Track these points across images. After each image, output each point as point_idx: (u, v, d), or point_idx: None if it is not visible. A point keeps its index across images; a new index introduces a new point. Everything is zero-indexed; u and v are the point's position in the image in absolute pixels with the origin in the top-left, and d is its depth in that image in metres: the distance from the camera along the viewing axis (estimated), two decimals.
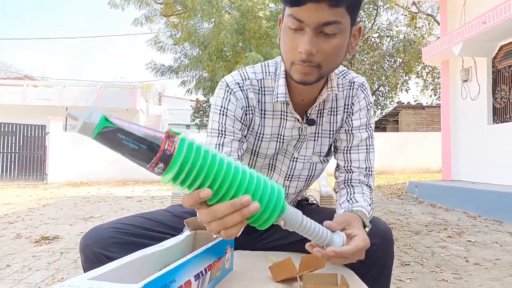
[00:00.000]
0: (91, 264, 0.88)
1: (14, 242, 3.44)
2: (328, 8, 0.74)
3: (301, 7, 0.75)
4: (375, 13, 17.13)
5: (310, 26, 0.77)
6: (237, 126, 0.95)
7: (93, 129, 0.46)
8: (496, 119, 5.65)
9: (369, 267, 0.96)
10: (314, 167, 1.06)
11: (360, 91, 1.02)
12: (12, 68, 26.74)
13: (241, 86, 0.96)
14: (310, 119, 0.99)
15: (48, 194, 7.87)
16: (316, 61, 0.81)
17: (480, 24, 5.02)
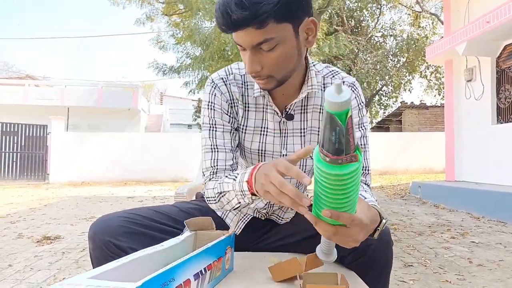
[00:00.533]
0: (100, 252, 0.89)
1: (16, 242, 3.44)
2: (255, 31, 0.79)
3: (235, 33, 0.81)
4: (378, 12, 17.11)
5: (247, 47, 0.83)
6: (225, 118, 1.01)
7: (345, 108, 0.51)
8: (500, 119, 5.62)
9: (368, 268, 0.96)
10: (305, 163, 1.06)
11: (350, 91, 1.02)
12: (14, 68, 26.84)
13: (225, 81, 1.02)
14: (289, 114, 1.01)
15: (49, 194, 7.88)
16: (265, 74, 0.87)
17: (484, 23, 4.99)
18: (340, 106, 0.50)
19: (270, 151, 1.05)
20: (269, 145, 1.04)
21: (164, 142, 11.71)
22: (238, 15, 0.76)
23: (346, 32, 15.65)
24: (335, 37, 13.83)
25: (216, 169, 0.99)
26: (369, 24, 17.67)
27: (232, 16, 0.77)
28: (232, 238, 0.91)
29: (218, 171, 0.99)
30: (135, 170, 11.48)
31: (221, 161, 0.99)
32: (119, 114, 17.63)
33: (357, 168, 0.57)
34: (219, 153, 0.99)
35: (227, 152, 1.00)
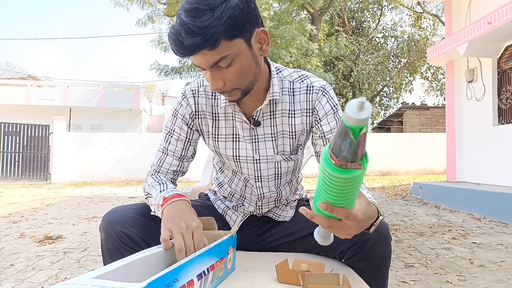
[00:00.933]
0: (112, 242, 0.92)
1: (17, 241, 3.45)
2: (209, 52, 0.82)
3: (192, 57, 0.85)
4: (379, 13, 17.11)
5: (206, 68, 0.86)
6: (184, 128, 1.08)
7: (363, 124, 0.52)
8: (502, 120, 5.62)
9: (366, 263, 0.98)
10: (280, 166, 1.10)
11: (321, 95, 1.05)
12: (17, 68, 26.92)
13: (194, 93, 1.08)
14: (256, 121, 1.04)
15: (51, 194, 7.90)
16: (229, 87, 0.90)
17: (485, 24, 4.99)
18: (357, 122, 0.51)
19: (244, 156, 1.09)
20: (243, 150, 1.08)
21: None
22: (189, 41, 0.79)
23: (347, 33, 15.65)
24: (336, 38, 13.84)
25: (159, 169, 1.08)
26: (370, 25, 17.68)
27: (184, 43, 0.80)
28: (234, 239, 0.92)
29: (160, 172, 1.08)
30: (137, 170, 11.49)
31: (166, 164, 1.08)
32: (121, 115, 17.65)
33: (360, 174, 0.59)
34: (167, 156, 1.09)
35: (174, 158, 1.08)
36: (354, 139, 0.53)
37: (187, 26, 0.78)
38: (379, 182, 9.95)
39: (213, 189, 1.29)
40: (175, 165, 1.09)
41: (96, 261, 2.82)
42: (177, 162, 1.09)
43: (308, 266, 0.86)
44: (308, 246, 1.10)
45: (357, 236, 0.91)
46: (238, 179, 1.16)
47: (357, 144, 0.54)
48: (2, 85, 17.27)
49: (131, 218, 0.95)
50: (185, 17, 0.79)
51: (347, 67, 15.90)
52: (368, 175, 12.05)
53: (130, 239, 0.91)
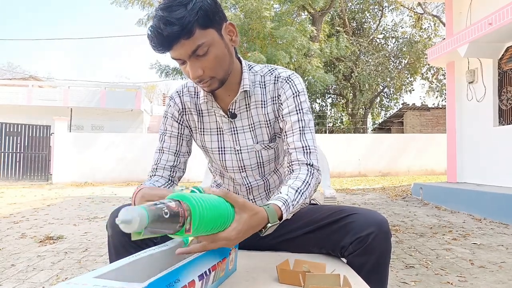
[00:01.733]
0: (119, 239, 0.96)
1: (18, 241, 3.46)
2: (186, 41, 0.91)
3: (172, 51, 0.93)
4: (380, 14, 17.11)
5: (185, 58, 0.94)
6: (174, 125, 1.18)
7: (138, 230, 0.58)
8: (502, 121, 5.62)
9: (367, 258, 0.99)
10: (261, 154, 1.18)
11: (285, 83, 1.13)
12: (18, 69, 26.96)
13: (179, 93, 1.20)
14: (232, 114, 1.14)
15: (52, 194, 7.91)
16: (207, 76, 0.99)
17: (486, 25, 4.99)
18: (136, 229, 0.57)
19: (228, 148, 1.18)
20: (227, 142, 1.18)
21: None
22: (168, 31, 0.88)
23: (347, 34, 15.65)
24: (337, 39, 13.84)
25: (157, 167, 1.16)
26: (370, 26, 17.67)
27: (164, 34, 0.88)
28: None
29: (158, 168, 1.16)
30: (138, 170, 11.50)
31: (163, 161, 1.17)
32: (122, 115, 17.67)
33: (191, 235, 0.67)
34: (163, 154, 1.17)
35: (170, 154, 1.17)
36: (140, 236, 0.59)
37: (164, 19, 0.88)
38: (380, 182, 9.95)
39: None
40: (172, 160, 1.17)
41: (97, 261, 2.82)
42: (173, 158, 1.17)
43: (309, 267, 0.87)
44: (310, 243, 1.11)
45: (358, 231, 0.98)
46: (227, 178, 1.26)
47: (157, 233, 0.61)
48: (4, 85, 17.31)
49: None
50: (161, 13, 0.88)
51: (347, 68, 15.91)
52: (368, 176, 12.05)
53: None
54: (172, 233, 0.65)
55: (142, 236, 0.58)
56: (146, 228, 0.58)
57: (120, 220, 0.56)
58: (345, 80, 16.68)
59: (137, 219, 0.56)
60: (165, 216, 0.60)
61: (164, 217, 0.60)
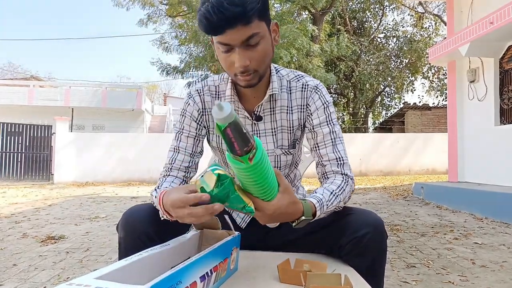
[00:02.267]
0: (132, 241, 0.94)
1: (20, 241, 3.46)
2: (243, 27, 0.88)
3: (224, 34, 0.89)
4: (381, 13, 17.08)
5: (236, 46, 0.92)
6: (193, 125, 1.14)
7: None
8: (504, 120, 5.61)
9: (363, 258, 1.00)
10: (279, 159, 1.17)
11: (314, 93, 1.13)
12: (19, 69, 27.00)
13: (200, 92, 1.16)
14: (257, 116, 1.12)
15: (54, 194, 7.92)
16: (253, 68, 0.96)
17: (487, 24, 4.98)
18: (222, 120, 0.65)
19: None
20: None
21: (168, 142, 11.41)
22: (231, 12, 0.84)
23: (348, 33, 15.63)
24: (337, 38, 13.82)
25: (172, 167, 1.12)
26: (371, 25, 17.65)
27: (225, 13, 0.84)
28: (238, 239, 0.92)
29: (173, 169, 1.12)
30: (139, 170, 11.50)
31: (178, 161, 1.12)
32: (123, 115, 17.67)
33: (246, 168, 0.73)
34: (179, 154, 1.13)
35: (186, 154, 1.13)
36: (221, 134, 0.68)
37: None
38: (381, 182, 9.94)
39: None
40: (187, 161, 1.13)
41: (98, 261, 2.83)
42: (189, 158, 1.13)
43: (310, 266, 0.87)
44: (309, 244, 1.12)
45: (354, 231, 0.98)
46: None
47: (228, 140, 0.69)
48: (5, 85, 17.33)
49: (153, 218, 0.97)
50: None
51: (348, 67, 15.89)
52: (369, 175, 12.04)
53: (149, 239, 0.93)
54: (239, 152, 0.71)
55: (222, 133, 0.67)
56: (230, 125, 0.66)
57: (217, 103, 0.64)
58: (346, 80, 16.67)
59: (229, 108, 0.64)
60: (243, 129, 0.68)
61: (242, 129, 0.68)
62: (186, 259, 0.69)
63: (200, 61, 13.08)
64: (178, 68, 14.04)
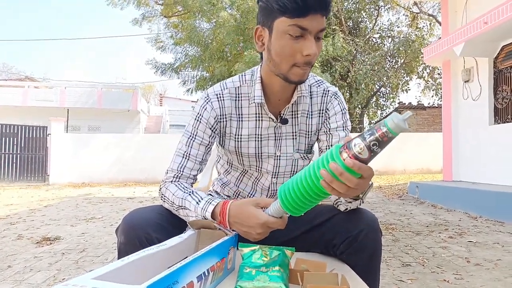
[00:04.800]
0: (133, 247, 0.89)
1: (15, 243, 3.45)
2: (321, 17, 0.91)
3: (304, 18, 0.89)
4: (376, 14, 17.12)
5: (311, 33, 0.92)
6: (207, 132, 1.09)
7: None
8: (498, 120, 5.65)
9: (358, 256, 1.01)
10: (297, 163, 1.18)
11: (333, 98, 1.16)
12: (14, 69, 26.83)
13: (219, 96, 1.10)
14: (283, 119, 1.11)
15: (49, 195, 7.88)
16: (313, 60, 0.96)
17: (481, 24, 5.01)
18: (401, 131, 0.65)
19: (266, 153, 1.14)
20: (265, 148, 1.14)
21: (164, 143, 11.69)
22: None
23: (344, 33, 15.66)
24: (333, 38, 13.85)
25: (181, 175, 1.08)
26: (367, 26, 17.68)
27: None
28: (235, 238, 0.92)
29: (181, 177, 1.08)
30: (135, 171, 11.48)
31: (188, 169, 1.08)
32: (119, 115, 17.63)
33: (346, 167, 0.71)
34: (189, 161, 1.08)
35: (196, 163, 1.09)
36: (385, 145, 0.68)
37: None
38: (376, 181, 9.97)
39: (214, 189, 1.31)
40: (196, 169, 1.10)
41: (94, 262, 2.82)
42: (198, 166, 1.10)
43: (309, 266, 0.87)
44: (306, 243, 1.13)
45: (348, 230, 0.99)
46: (247, 179, 1.21)
47: (378, 145, 0.69)
48: (0, 86, 17.22)
49: (155, 223, 0.95)
50: None
51: (344, 67, 15.91)
52: None
53: (148, 242, 0.90)
54: (369, 157, 0.72)
55: (382, 137, 0.67)
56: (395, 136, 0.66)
57: (410, 115, 0.68)
58: (341, 80, 16.69)
59: (406, 126, 0.65)
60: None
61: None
62: (183, 259, 0.69)
63: (196, 61, 13.06)
64: (173, 66, 14.00)
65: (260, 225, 0.87)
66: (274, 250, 0.86)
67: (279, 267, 0.80)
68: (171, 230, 0.95)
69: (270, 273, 0.79)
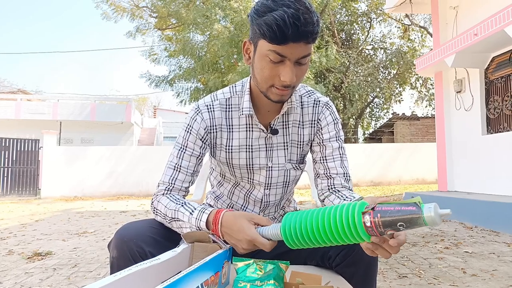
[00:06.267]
0: (125, 261, 0.89)
1: (6, 258, 3.38)
2: (304, 45, 0.90)
3: (283, 46, 0.88)
4: (368, 26, 17.36)
5: (291, 60, 0.91)
6: (198, 143, 1.09)
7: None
8: (490, 130, 5.70)
9: (354, 268, 1.00)
10: (289, 174, 1.17)
11: (325, 109, 1.16)
12: (5, 82, 26.72)
13: (209, 107, 1.10)
14: (273, 129, 1.11)
15: (41, 209, 7.78)
16: (294, 84, 0.96)
17: (472, 36, 5.09)
18: (433, 225, 0.64)
19: (257, 165, 1.14)
20: (256, 159, 1.13)
21: (158, 155, 11.67)
22: (306, 28, 0.86)
23: (337, 45, 15.84)
24: (326, 50, 13.99)
25: (172, 187, 1.07)
26: (359, 37, 17.91)
27: (300, 28, 0.86)
28: (229, 252, 0.91)
29: (173, 189, 1.08)
30: (128, 183, 11.40)
31: (179, 181, 1.08)
32: (112, 128, 17.56)
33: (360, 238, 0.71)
34: (180, 173, 1.08)
35: (187, 175, 1.09)
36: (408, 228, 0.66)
37: (305, 15, 0.86)
38: (371, 192, 9.98)
39: (208, 202, 1.30)
40: (188, 181, 1.09)
41: (87, 277, 2.77)
42: (189, 178, 1.09)
43: (304, 279, 0.86)
44: (302, 255, 1.12)
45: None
46: (239, 191, 1.20)
47: (401, 225, 0.66)
48: None
49: (148, 237, 0.94)
50: (301, 7, 0.86)
51: (337, 79, 16.05)
52: (359, 185, 12.09)
53: (142, 256, 0.89)
54: (381, 231, 0.69)
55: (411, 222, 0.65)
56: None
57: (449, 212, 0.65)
58: (335, 91, 16.82)
59: (440, 222, 0.64)
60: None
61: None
62: (176, 273, 0.68)
63: (190, 72, 13.11)
64: (167, 78, 14.04)
65: (248, 241, 0.86)
66: (268, 263, 0.85)
67: (273, 281, 0.78)
68: (165, 244, 0.94)
69: (265, 287, 0.78)
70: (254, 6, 0.93)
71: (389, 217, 0.66)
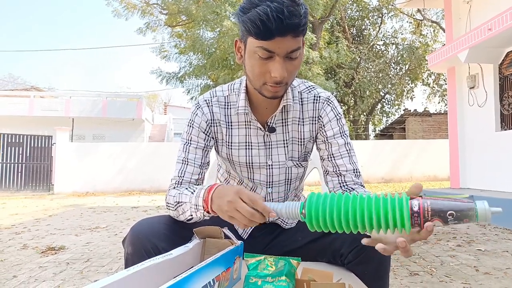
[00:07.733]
0: (140, 258, 0.88)
1: (20, 252, 3.44)
2: (292, 39, 0.88)
3: (273, 40, 0.87)
4: (379, 21, 17.19)
5: (279, 55, 0.90)
6: (201, 136, 1.10)
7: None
8: (504, 126, 5.61)
9: (366, 266, 1.00)
10: (290, 171, 1.16)
11: (326, 104, 1.13)
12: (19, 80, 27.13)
13: (208, 103, 1.12)
14: (270, 127, 1.11)
15: (54, 205, 7.89)
16: (286, 80, 0.95)
17: (486, 30, 5.00)
18: (484, 221, 0.65)
19: (257, 163, 1.14)
20: (255, 157, 1.13)
21: (168, 151, 11.73)
22: (288, 21, 0.85)
23: (347, 41, 15.72)
24: (337, 46, 13.90)
25: (182, 180, 1.08)
26: (370, 33, 17.75)
27: (285, 21, 0.84)
28: (240, 248, 0.91)
29: (183, 182, 1.08)
30: (139, 179, 11.49)
31: (188, 174, 1.08)
32: (123, 124, 17.71)
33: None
34: (188, 166, 1.09)
35: (195, 166, 1.09)
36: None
37: (290, 8, 0.84)
38: (382, 189, 9.91)
39: None
40: (197, 173, 1.09)
41: (99, 271, 2.81)
42: (198, 170, 1.10)
43: (316, 275, 0.86)
44: (313, 252, 1.12)
45: (356, 239, 0.97)
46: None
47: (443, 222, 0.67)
48: (5, 96, 17.39)
49: (162, 234, 0.95)
50: (284, 0, 0.84)
51: (348, 75, 15.95)
52: (371, 182, 12.01)
53: (155, 253, 0.90)
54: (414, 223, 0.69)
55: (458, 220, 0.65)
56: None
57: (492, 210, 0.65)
58: (346, 87, 16.71)
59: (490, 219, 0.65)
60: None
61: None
62: (188, 268, 0.68)
63: (200, 69, 13.14)
64: (178, 75, 14.10)
65: (234, 192, 0.83)
66: (280, 260, 0.85)
67: (285, 277, 0.79)
68: (178, 241, 0.95)
69: (276, 283, 0.78)
70: (241, 4, 0.92)
71: (441, 204, 0.65)
